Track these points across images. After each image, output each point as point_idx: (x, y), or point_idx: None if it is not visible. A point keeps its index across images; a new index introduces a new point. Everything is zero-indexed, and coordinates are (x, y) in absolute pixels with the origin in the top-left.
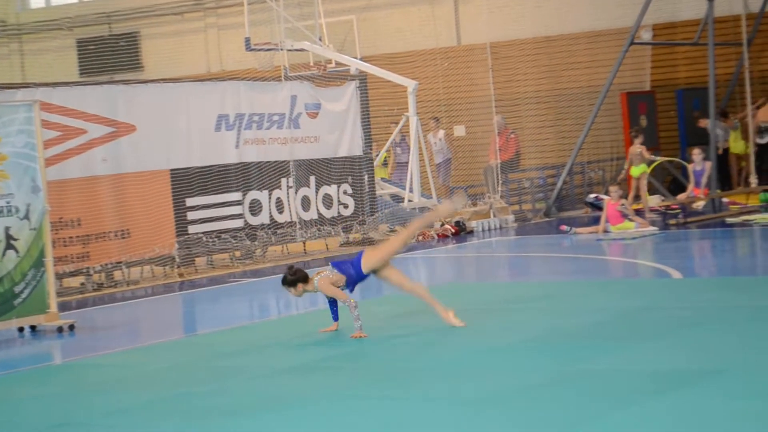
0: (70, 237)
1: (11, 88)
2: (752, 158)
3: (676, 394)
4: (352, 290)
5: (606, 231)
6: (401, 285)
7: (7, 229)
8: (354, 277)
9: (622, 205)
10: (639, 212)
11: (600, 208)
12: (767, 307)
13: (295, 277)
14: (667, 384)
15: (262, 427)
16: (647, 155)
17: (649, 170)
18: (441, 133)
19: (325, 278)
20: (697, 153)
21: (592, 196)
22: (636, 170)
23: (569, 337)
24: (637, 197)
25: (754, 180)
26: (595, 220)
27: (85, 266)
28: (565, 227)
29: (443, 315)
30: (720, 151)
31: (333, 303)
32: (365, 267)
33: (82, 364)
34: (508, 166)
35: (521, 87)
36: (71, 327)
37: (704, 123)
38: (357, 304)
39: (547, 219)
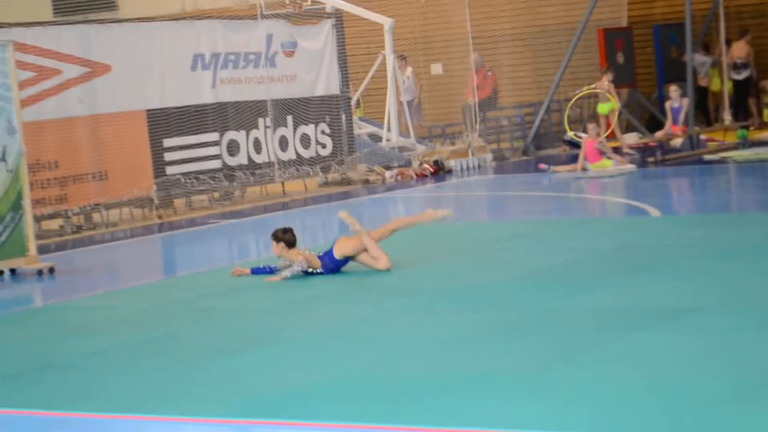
0: (48, 179)
1: None
2: (725, 95)
3: (654, 330)
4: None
5: (584, 169)
6: (376, 251)
7: None
8: (329, 264)
9: (600, 143)
10: (617, 150)
11: (578, 146)
12: (746, 243)
13: (283, 237)
14: (646, 321)
15: (243, 366)
16: (613, 92)
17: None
18: (409, 70)
19: (303, 260)
20: (674, 90)
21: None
22: (603, 107)
23: (548, 275)
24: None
25: (728, 117)
26: (573, 159)
27: (63, 209)
28: (543, 166)
29: (430, 217)
30: (705, 84)
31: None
32: (338, 253)
33: (62, 306)
34: (486, 105)
35: (498, 24)
36: (51, 270)
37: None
38: (297, 272)
39: (525, 157)
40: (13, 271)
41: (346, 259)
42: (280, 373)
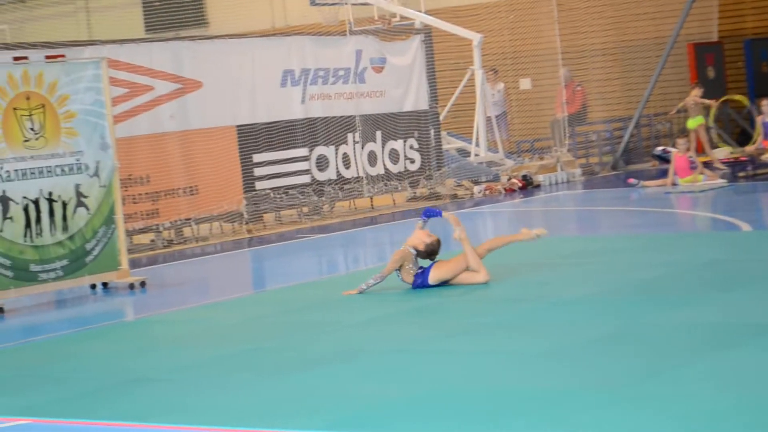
0: (140, 194)
1: (79, 45)
2: None
3: (745, 348)
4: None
5: (674, 184)
6: (477, 264)
7: (77, 186)
8: (418, 284)
9: (690, 157)
10: (707, 165)
11: (667, 161)
12: None
13: (423, 251)
14: (739, 337)
15: (331, 381)
16: (703, 101)
17: (711, 117)
18: (500, 85)
19: (380, 276)
20: (766, 104)
21: (660, 148)
22: (692, 122)
23: (639, 290)
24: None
25: None
26: (663, 173)
27: (154, 223)
28: (633, 180)
29: (525, 236)
30: None
31: None
32: (433, 278)
33: (153, 320)
34: (575, 119)
35: (587, 39)
36: (142, 284)
37: None
38: (372, 286)
39: (614, 172)
40: (105, 284)
41: (441, 284)
42: (369, 387)
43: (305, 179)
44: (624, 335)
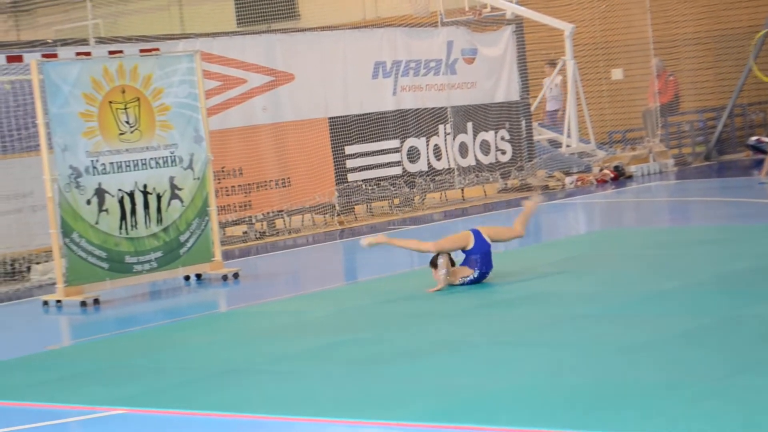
0: (233, 186)
1: (172, 39)
2: None
3: None
4: (484, 271)
5: None
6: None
7: (171, 178)
8: (485, 253)
9: None
10: None
11: (762, 151)
12: None
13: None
14: None
15: (426, 372)
16: None
17: None
18: (558, 79)
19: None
20: None
21: (754, 138)
22: None
23: (732, 282)
24: None
25: None
26: (758, 164)
27: (247, 215)
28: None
29: (528, 209)
30: None
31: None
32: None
33: (246, 311)
34: (668, 110)
35: (680, 28)
36: (236, 275)
37: None
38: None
39: (707, 162)
40: (199, 276)
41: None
42: (462, 378)
43: (397, 171)
44: (713, 329)
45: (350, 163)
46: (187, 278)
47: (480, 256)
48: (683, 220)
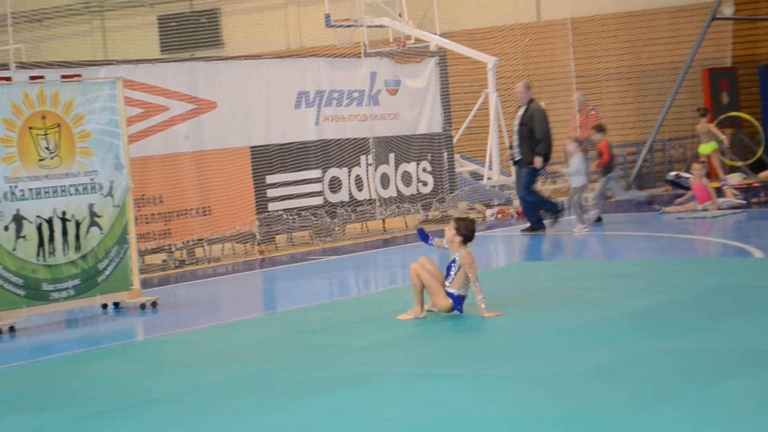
0: (152, 214)
1: (94, 65)
2: None
3: (749, 377)
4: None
5: (694, 209)
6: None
7: (91, 206)
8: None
9: (706, 182)
10: (719, 190)
11: (681, 186)
12: None
13: (465, 233)
14: (749, 364)
15: (341, 405)
16: (715, 132)
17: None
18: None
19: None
20: None
21: (673, 173)
22: (705, 148)
23: (649, 315)
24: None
25: None
26: (676, 197)
27: (167, 243)
28: (656, 206)
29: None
30: None
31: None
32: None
33: (164, 340)
34: (589, 144)
35: (602, 63)
36: (154, 304)
37: None
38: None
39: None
40: (116, 304)
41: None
42: (378, 410)
43: (318, 201)
44: (628, 362)
45: (271, 193)
46: (104, 306)
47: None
48: (601, 253)
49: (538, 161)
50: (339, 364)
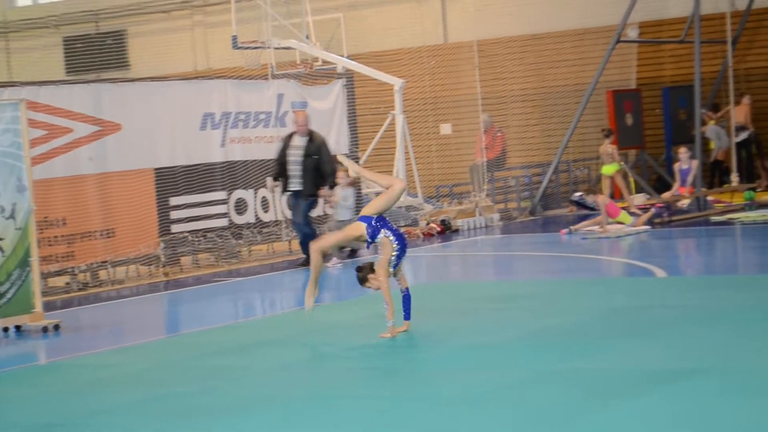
0: (56, 236)
1: None
2: (733, 156)
3: (660, 392)
4: (370, 243)
5: (606, 224)
6: (385, 180)
7: None
8: (370, 230)
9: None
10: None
11: (585, 207)
12: (750, 306)
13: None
14: (652, 383)
15: (245, 427)
16: (617, 155)
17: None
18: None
19: (379, 264)
20: (683, 152)
21: (578, 194)
22: (608, 169)
23: (549, 337)
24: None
25: (735, 178)
26: (580, 219)
27: (70, 266)
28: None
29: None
30: (722, 157)
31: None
32: (366, 212)
33: (67, 364)
34: (495, 165)
35: (508, 85)
36: (56, 327)
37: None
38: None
39: (532, 217)
40: (18, 327)
41: (380, 216)
42: None
43: (223, 222)
44: (528, 383)
45: (176, 214)
46: (5, 330)
47: (378, 231)
48: (507, 274)
49: (334, 198)
50: (241, 386)
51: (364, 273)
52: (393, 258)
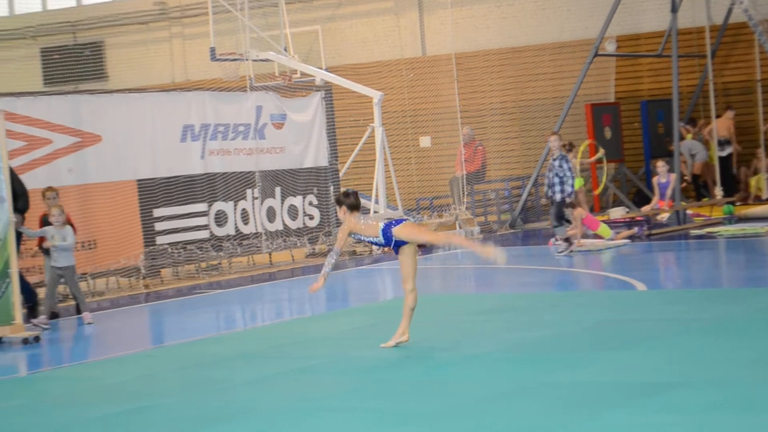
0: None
1: None
2: (717, 170)
3: (643, 404)
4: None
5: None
6: (405, 279)
7: None
8: (385, 240)
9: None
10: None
11: (566, 220)
12: (729, 319)
13: (345, 201)
14: (635, 395)
15: None
16: (577, 170)
17: (604, 178)
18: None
19: (366, 224)
20: (661, 165)
21: None
22: (578, 182)
23: (531, 349)
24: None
25: (719, 192)
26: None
27: None
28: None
29: (485, 252)
30: (699, 171)
31: None
32: (396, 233)
33: (46, 376)
34: (474, 178)
35: (486, 98)
36: (36, 338)
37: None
38: (335, 257)
39: (512, 230)
40: None
41: (401, 242)
42: None
43: (204, 234)
44: (510, 395)
45: (157, 226)
46: None
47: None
48: (487, 287)
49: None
50: (222, 399)
51: (349, 200)
52: (368, 240)
